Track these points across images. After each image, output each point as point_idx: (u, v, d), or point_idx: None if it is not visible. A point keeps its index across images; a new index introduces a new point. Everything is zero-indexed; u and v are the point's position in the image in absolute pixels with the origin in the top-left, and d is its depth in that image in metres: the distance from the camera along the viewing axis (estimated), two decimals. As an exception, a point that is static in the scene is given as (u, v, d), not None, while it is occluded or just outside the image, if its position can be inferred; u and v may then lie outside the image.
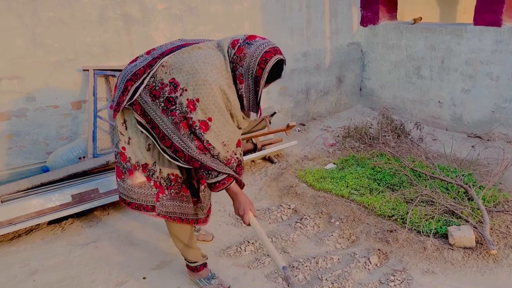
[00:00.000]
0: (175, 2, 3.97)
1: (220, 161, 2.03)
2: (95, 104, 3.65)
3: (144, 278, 2.53)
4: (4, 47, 3.27)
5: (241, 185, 2.20)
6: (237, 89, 1.95)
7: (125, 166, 2.12)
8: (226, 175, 2.05)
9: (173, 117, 1.91)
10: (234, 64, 1.93)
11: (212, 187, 2.07)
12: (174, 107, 1.90)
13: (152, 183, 2.13)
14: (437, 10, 6.80)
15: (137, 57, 2.08)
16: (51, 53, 3.46)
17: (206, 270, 2.46)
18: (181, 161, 2.00)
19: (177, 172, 2.14)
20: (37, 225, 3.06)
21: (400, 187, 3.35)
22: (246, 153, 4.01)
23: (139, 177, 2.12)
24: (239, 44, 1.93)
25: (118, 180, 2.19)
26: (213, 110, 1.90)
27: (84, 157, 3.48)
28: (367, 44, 5.36)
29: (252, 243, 2.79)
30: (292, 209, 3.22)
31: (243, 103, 1.98)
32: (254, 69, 1.88)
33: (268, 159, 4.16)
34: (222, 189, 2.07)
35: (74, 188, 3.14)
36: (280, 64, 1.93)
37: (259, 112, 2.04)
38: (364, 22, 5.28)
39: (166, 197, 2.16)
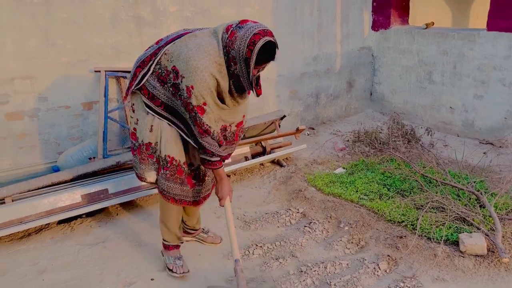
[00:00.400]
0: (186, 5, 3.98)
1: (217, 143, 2.22)
2: (106, 105, 3.67)
3: (152, 279, 2.53)
4: (17, 47, 3.31)
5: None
6: (232, 70, 2.07)
7: (135, 144, 2.37)
8: (219, 158, 2.26)
9: (181, 101, 2.13)
10: (227, 48, 2.04)
11: (204, 163, 2.28)
12: (179, 92, 2.11)
13: (154, 159, 2.35)
14: (449, 15, 6.76)
15: (149, 47, 2.29)
16: (63, 54, 3.50)
17: (176, 251, 2.61)
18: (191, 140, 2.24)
19: (174, 155, 2.29)
20: (46, 224, 3.08)
21: (410, 193, 3.32)
22: (255, 156, 4.01)
23: (143, 154, 2.34)
24: (232, 28, 2.04)
25: (132, 156, 2.45)
26: (206, 96, 2.07)
27: (94, 158, 3.50)
28: (378, 49, 5.33)
29: (260, 246, 2.78)
30: (301, 213, 3.20)
31: (240, 83, 2.11)
32: (244, 51, 1.98)
33: (277, 163, 4.15)
34: (211, 168, 2.29)
35: (84, 188, 3.16)
36: (272, 46, 2.01)
37: (259, 93, 2.15)
38: (376, 26, 5.26)
39: (161, 176, 2.35)
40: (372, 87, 5.55)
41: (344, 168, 3.95)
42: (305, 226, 3.02)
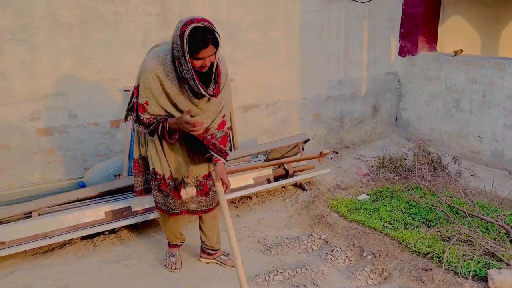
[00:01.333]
0: (215, 28, 4.06)
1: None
2: (133, 122, 3.73)
3: (171, 301, 2.52)
4: (52, 65, 3.43)
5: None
6: (181, 72, 2.10)
7: (134, 159, 2.57)
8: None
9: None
10: (172, 51, 2.10)
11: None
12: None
13: (148, 172, 2.52)
14: (478, 43, 6.67)
15: None
16: (95, 73, 3.60)
17: (173, 249, 2.83)
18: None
19: (159, 169, 2.42)
20: (70, 239, 3.12)
21: (436, 224, 3.23)
22: (277, 178, 4.00)
23: (139, 168, 2.57)
24: None
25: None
26: (148, 95, 2.16)
27: (119, 175, 3.55)
28: (404, 74, 5.30)
29: (281, 272, 2.74)
30: (323, 239, 3.15)
31: (193, 88, 2.13)
32: (179, 46, 2.02)
33: (299, 186, 4.12)
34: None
35: (107, 205, 3.20)
36: (206, 31, 2.00)
37: (216, 92, 2.18)
38: (403, 52, 5.24)
39: (152, 187, 2.52)
40: (398, 112, 5.50)
41: (368, 194, 3.89)
42: (327, 253, 2.97)
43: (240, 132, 4.34)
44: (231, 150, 3.86)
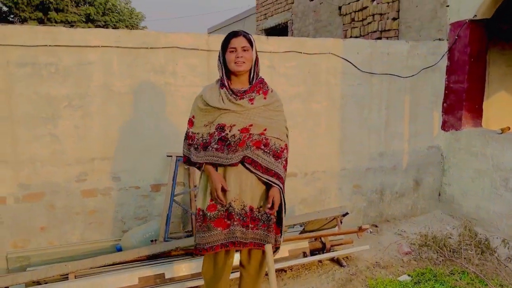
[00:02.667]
0: (258, 99, 4.19)
1: (202, 144, 2.50)
2: (173, 188, 3.82)
3: None
4: (102, 131, 3.63)
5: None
6: (220, 80, 2.50)
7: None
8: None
9: None
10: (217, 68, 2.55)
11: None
12: None
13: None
14: (526, 119, 6.48)
15: None
16: (140, 139, 3.76)
17: None
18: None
19: (200, 206, 2.49)
20: (102, 304, 3.10)
21: (486, 316, 2.98)
22: (313, 252, 3.88)
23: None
24: None
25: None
26: (195, 110, 2.55)
27: (155, 240, 3.58)
28: (448, 149, 5.17)
29: None
30: (360, 324, 2.97)
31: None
32: (220, 53, 2.49)
33: (336, 261, 3.96)
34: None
35: (141, 271, 3.20)
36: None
37: (249, 89, 2.46)
38: (446, 127, 5.16)
39: (196, 229, 2.51)
40: (441, 187, 5.31)
41: (409, 275, 3.68)
42: None
43: (277, 201, 4.31)
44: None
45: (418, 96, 5.01)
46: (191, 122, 2.58)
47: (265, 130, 2.46)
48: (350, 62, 4.56)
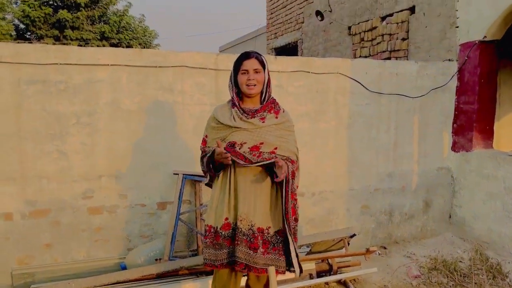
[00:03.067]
0: (265, 118, 4.19)
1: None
2: (179, 206, 3.80)
3: None
4: (109, 148, 3.64)
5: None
6: (231, 100, 2.53)
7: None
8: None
9: None
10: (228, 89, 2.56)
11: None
12: None
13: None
14: (538, 140, 6.38)
15: None
16: (147, 156, 3.77)
17: None
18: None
19: (211, 223, 2.45)
20: (104, 324, 3.07)
21: None
22: (320, 274, 3.81)
23: None
24: None
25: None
26: (208, 129, 2.58)
27: (160, 259, 3.55)
28: (458, 171, 5.10)
29: None
30: None
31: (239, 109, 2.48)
32: (231, 73, 2.50)
33: (343, 284, 3.88)
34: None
35: (145, 290, 3.17)
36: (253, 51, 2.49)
37: (260, 108, 2.48)
38: (456, 148, 5.09)
39: (204, 245, 2.48)
40: (452, 209, 5.21)
41: (418, 300, 3.59)
42: None
43: (284, 221, 4.27)
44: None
45: (427, 117, 4.97)
46: (204, 141, 2.60)
47: (275, 148, 2.44)
48: (359, 82, 4.55)
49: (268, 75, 2.49)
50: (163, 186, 3.87)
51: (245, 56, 2.43)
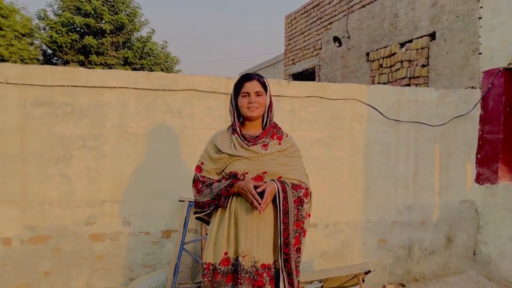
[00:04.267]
0: (277, 144, 4.04)
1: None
2: (184, 235, 3.63)
3: None
4: (114, 172, 3.54)
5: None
6: (232, 126, 2.38)
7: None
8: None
9: None
10: (229, 112, 2.42)
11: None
12: None
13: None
14: None
15: None
16: (153, 182, 3.64)
17: None
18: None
19: (210, 260, 2.27)
20: None
21: None
22: (332, 313, 3.55)
23: None
24: None
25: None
26: (204, 157, 2.42)
27: (161, 291, 3.36)
28: (483, 204, 4.79)
29: None
30: None
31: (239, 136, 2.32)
32: (231, 96, 2.37)
33: (357, 324, 3.61)
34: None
35: (143, 326, 2.98)
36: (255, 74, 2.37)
37: (261, 133, 2.33)
38: (480, 180, 4.80)
39: (202, 285, 2.30)
40: (476, 246, 4.88)
41: None
42: None
43: (295, 254, 4.04)
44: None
45: (449, 146, 4.72)
46: (199, 169, 2.44)
47: (279, 178, 2.29)
48: (376, 109, 4.37)
49: (270, 98, 2.36)
50: (169, 213, 3.72)
51: (246, 78, 2.31)
